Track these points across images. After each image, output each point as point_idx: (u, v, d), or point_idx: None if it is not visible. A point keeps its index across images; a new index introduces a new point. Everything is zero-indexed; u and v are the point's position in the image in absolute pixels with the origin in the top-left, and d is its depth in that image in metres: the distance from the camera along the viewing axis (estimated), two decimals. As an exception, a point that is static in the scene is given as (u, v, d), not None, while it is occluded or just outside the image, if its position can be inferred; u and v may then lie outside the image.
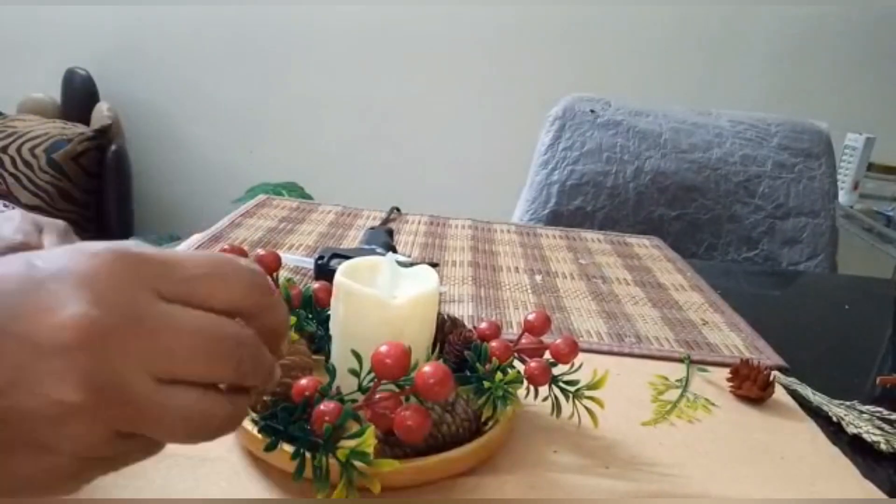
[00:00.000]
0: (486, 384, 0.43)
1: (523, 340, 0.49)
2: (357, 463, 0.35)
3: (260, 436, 0.39)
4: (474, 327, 0.50)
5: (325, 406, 0.37)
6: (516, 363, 0.48)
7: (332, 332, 0.48)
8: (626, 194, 1.36)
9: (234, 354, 0.27)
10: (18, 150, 2.27)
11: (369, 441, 0.35)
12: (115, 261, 0.26)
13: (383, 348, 0.36)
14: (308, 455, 0.36)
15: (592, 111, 1.40)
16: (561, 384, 0.47)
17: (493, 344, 0.47)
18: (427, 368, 0.36)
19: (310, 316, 0.51)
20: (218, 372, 0.27)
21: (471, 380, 0.44)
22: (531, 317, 0.49)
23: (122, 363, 0.25)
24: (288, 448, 0.37)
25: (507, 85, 2.55)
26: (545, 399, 0.47)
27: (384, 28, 2.52)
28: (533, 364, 0.46)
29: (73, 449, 0.25)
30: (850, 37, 2.43)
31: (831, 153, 1.44)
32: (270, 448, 0.38)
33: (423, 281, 0.47)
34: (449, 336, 0.49)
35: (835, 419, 0.56)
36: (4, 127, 2.32)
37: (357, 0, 2.47)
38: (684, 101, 1.74)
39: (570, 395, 0.47)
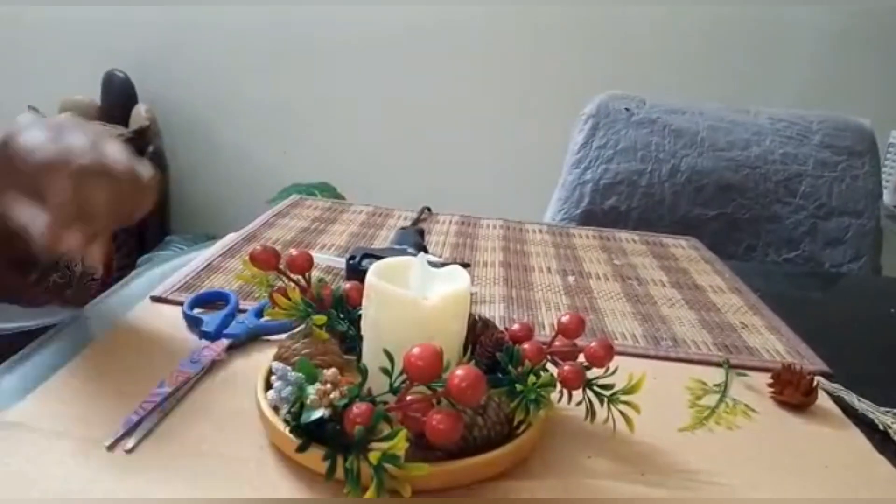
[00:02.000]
0: (519, 387, 0.42)
1: (556, 343, 0.48)
2: (388, 466, 0.35)
3: (291, 437, 0.38)
4: (506, 329, 0.50)
5: (357, 408, 0.37)
6: (549, 366, 0.47)
7: (363, 332, 0.47)
8: (662, 194, 1.33)
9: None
10: (60, 151, 2.32)
11: (401, 444, 0.35)
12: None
13: (416, 350, 0.36)
14: (339, 457, 0.36)
15: (627, 109, 1.38)
16: (595, 388, 0.46)
17: (526, 346, 0.46)
18: (459, 371, 0.36)
19: (341, 316, 0.51)
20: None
21: (503, 382, 0.43)
22: (565, 318, 0.48)
23: None
24: (318, 450, 0.37)
25: (540, 83, 2.53)
26: (579, 403, 0.46)
27: (416, 29, 2.52)
28: (567, 367, 0.45)
29: None
30: (893, 32, 2.36)
31: (875, 151, 1.39)
32: (302, 449, 0.37)
33: (455, 281, 0.46)
34: (480, 337, 0.48)
35: (881, 427, 0.54)
36: (47, 128, 2.38)
37: (390, 2, 2.48)
38: (722, 99, 1.71)
39: (605, 400, 0.45)
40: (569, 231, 1.05)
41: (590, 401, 0.46)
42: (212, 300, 0.63)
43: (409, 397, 0.37)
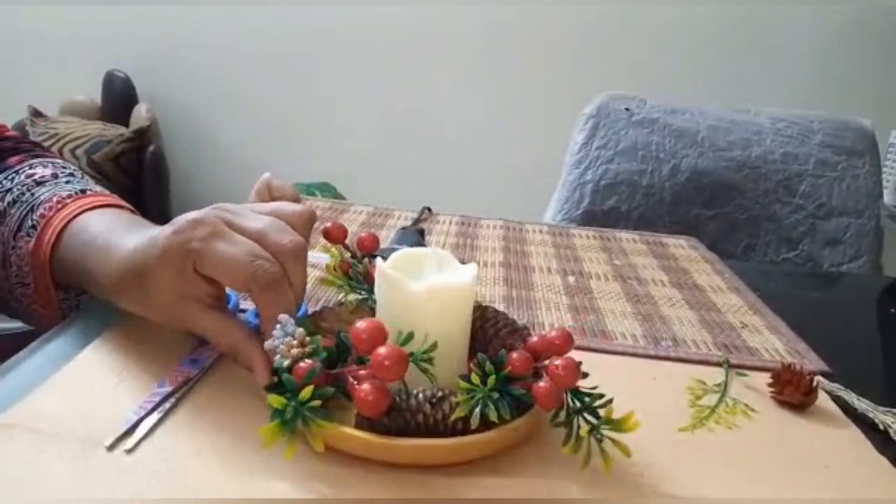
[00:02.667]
0: (478, 389, 0.41)
1: (550, 361, 0.42)
2: (309, 415, 0.38)
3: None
4: (544, 335, 0.45)
5: (301, 364, 0.40)
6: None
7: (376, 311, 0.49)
8: (662, 194, 1.33)
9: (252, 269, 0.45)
10: (60, 151, 2.32)
11: (306, 394, 0.38)
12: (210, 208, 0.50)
13: (361, 324, 0.40)
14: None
15: (627, 109, 1.38)
16: (578, 410, 0.42)
17: (514, 355, 0.43)
18: (382, 350, 0.39)
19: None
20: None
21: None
22: (553, 334, 0.44)
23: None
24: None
25: (540, 83, 2.53)
26: (556, 424, 0.42)
27: (417, 29, 2.52)
28: (541, 384, 0.41)
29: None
30: (894, 32, 2.36)
31: (876, 151, 1.39)
32: (269, 389, 0.41)
33: (458, 274, 0.47)
34: (494, 338, 0.48)
35: (881, 427, 0.54)
36: (47, 128, 2.38)
37: (391, 2, 2.48)
38: (722, 99, 1.71)
39: (589, 431, 0.41)
40: (569, 231, 1.05)
41: (569, 425, 0.42)
42: None
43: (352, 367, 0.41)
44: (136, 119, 2.49)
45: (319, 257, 0.78)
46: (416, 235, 0.85)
